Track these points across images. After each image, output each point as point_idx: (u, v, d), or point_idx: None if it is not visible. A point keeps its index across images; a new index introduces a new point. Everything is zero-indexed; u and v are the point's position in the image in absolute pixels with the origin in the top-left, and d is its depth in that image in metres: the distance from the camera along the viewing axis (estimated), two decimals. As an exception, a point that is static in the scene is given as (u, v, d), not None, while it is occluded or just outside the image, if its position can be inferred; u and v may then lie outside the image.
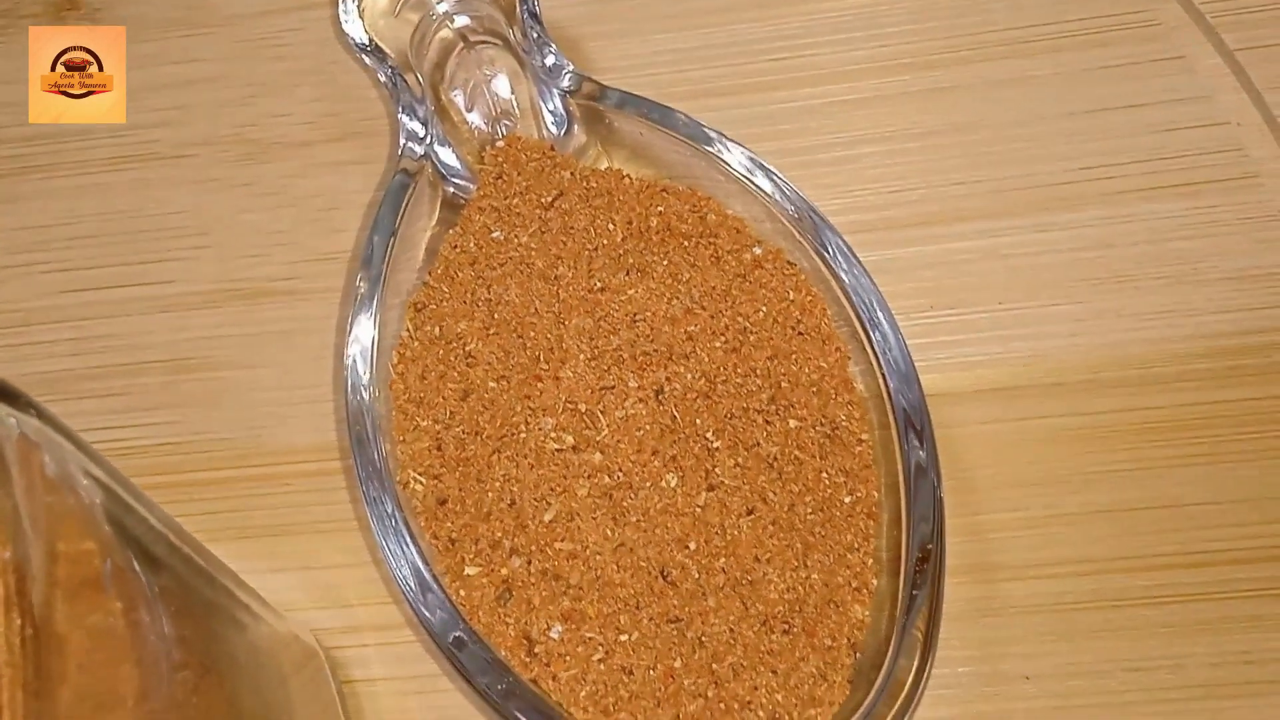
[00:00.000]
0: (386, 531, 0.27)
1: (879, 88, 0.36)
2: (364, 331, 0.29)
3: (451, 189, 0.32)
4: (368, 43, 0.33)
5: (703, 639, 0.26)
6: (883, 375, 0.28)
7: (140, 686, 0.20)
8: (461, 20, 0.33)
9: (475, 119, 0.33)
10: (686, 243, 0.30)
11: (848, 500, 0.27)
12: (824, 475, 0.27)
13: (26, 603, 0.16)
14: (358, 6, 0.33)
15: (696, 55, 0.36)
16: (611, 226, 0.30)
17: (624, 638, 0.26)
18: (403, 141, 0.32)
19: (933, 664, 0.25)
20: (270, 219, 0.35)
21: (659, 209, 0.31)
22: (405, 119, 0.32)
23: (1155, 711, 0.27)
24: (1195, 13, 0.35)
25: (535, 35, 0.32)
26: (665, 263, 0.30)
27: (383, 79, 0.33)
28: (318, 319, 0.33)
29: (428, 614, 0.26)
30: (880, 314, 0.28)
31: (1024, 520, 0.30)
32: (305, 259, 0.34)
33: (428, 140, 0.31)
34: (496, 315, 0.29)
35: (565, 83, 0.32)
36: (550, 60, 0.32)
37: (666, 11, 0.37)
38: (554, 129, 0.32)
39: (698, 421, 0.28)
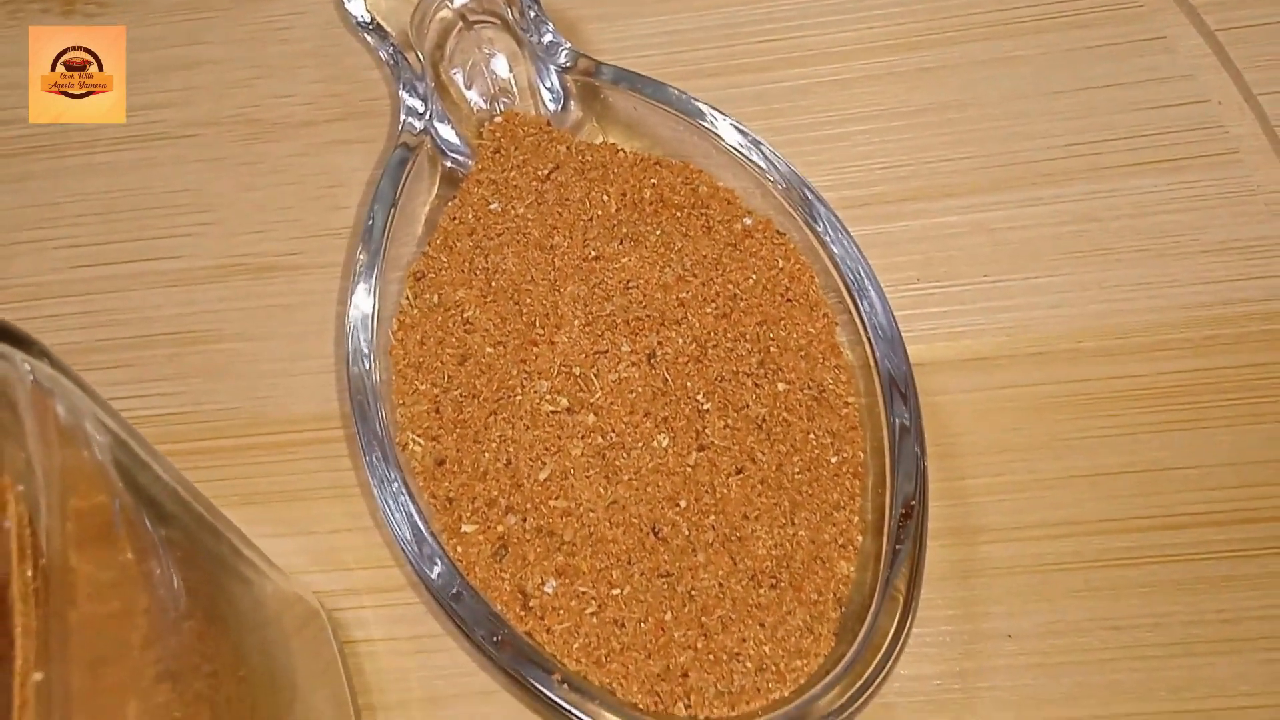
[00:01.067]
0: (386, 492, 0.27)
1: (867, 68, 0.36)
2: (364, 300, 0.30)
3: (450, 163, 0.33)
4: (369, 21, 0.34)
5: (692, 593, 0.26)
6: (869, 342, 0.29)
7: (147, 634, 0.20)
8: (461, 0, 0.34)
9: (474, 96, 0.34)
10: (679, 213, 0.31)
11: (834, 460, 0.28)
12: (811, 436, 0.28)
13: (38, 554, 0.17)
14: (360, -14, 0.34)
15: (689, 37, 0.37)
16: (606, 198, 0.31)
17: (616, 592, 0.26)
18: (403, 117, 0.32)
19: (914, 618, 0.26)
20: (273, 196, 0.36)
21: (652, 181, 0.32)
22: (405, 96, 0.33)
23: (1135, 668, 0.28)
24: (1177, -7, 0.36)
25: (534, 14, 0.33)
26: (658, 232, 0.31)
27: (384, 56, 0.33)
28: (320, 293, 0.34)
29: (426, 570, 0.27)
30: (868, 282, 0.29)
31: (1006, 485, 0.30)
32: (308, 235, 0.35)
33: (427, 116, 0.32)
34: (494, 283, 0.30)
35: (562, 59, 0.33)
36: (548, 38, 0.33)
37: (659, -6, 0.38)
38: (551, 105, 0.33)
39: (688, 384, 0.29)
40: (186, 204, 0.36)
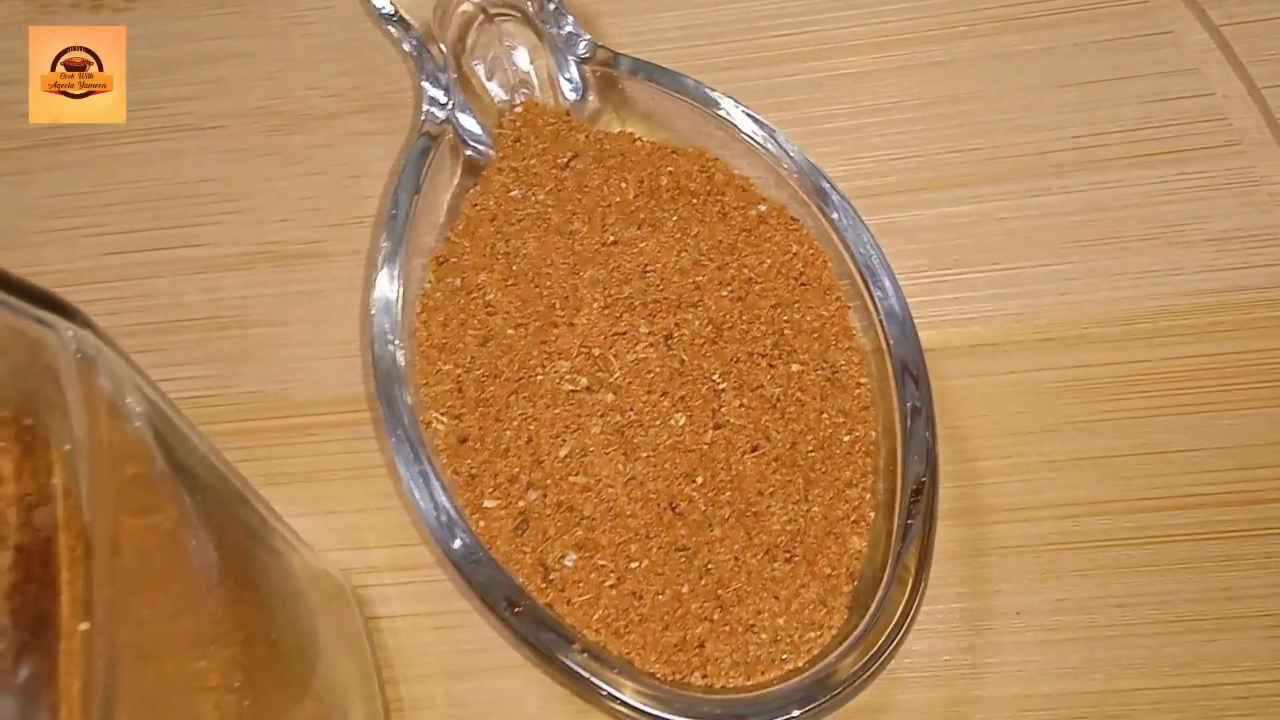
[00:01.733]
0: (411, 468, 0.28)
1: (879, 62, 0.37)
2: (388, 284, 0.31)
3: (471, 153, 0.33)
4: (393, 14, 0.34)
5: (709, 566, 0.27)
6: (881, 325, 0.29)
7: (184, 599, 0.21)
8: (481, -8, 0.35)
9: (494, 88, 0.35)
10: (695, 200, 0.32)
11: (847, 439, 0.29)
12: (824, 415, 0.29)
13: (79, 521, 0.17)
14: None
15: (704, 31, 0.38)
16: (624, 185, 0.32)
17: (634, 565, 0.27)
18: (425, 108, 0.33)
19: (925, 590, 0.26)
20: (298, 186, 0.37)
21: (669, 169, 0.32)
22: (428, 86, 0.33)
23: (1140, 644, 0.29)
24: (1183, -11, 0.37)
25: (553, 6, 0.34)
26: (675, 218, 0.31)
27: (407, 48, 0.34)
28: (344, 279, 0.35)
29: (449, 544, 0.27)
30: (880, 268, 0.30)
31: (1015, 467, 0.31)
32: (332, 223, 0.36)
33: (450, 107, 0.33)
34: (515, 267, 0.31)
35: (581, 50, 0.34)
36: (567, 30, 0.34)
37: (676, -11, 0.39)
38: (570, 95, 0.34)
39: (705, 365, 0.29)
40: (213, 193, 0.37)
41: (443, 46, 0.34)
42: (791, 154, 0.32)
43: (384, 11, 0.34)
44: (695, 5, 0.38)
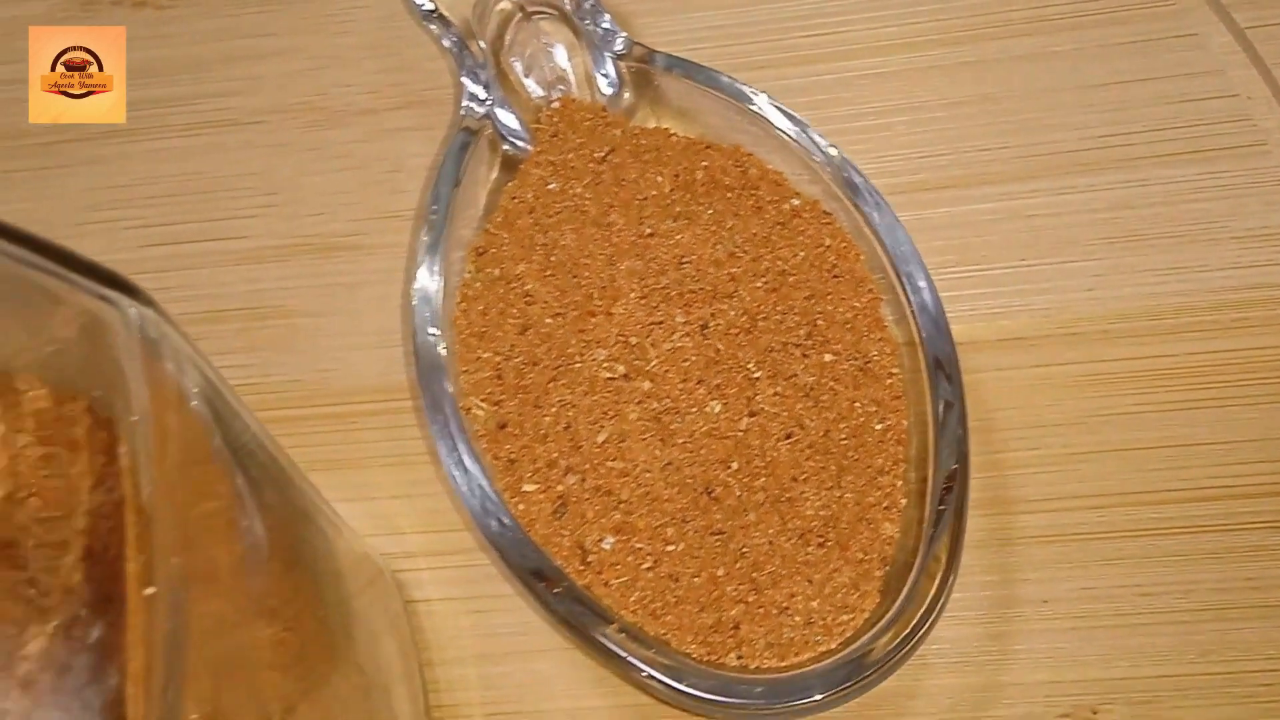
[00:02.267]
0: (451, 453, 0.29)
1: (908, 61, 0.38)
2: (429, 274, 0.31)
3: (509, 148, 0.34)
4: (433, 10, 0.35)
5: (744, 550, 0.28)
6: (914, 319, 0.30)
7: (239, 575, 0.21)
8: (521, -9, 0.36)
9: (532, 84, 0.35)
10: (730, 194, 0.32)
11: (879, 428, 0.29)
12: (857, 405, 0.30)
13: (143, 492, 0.18)
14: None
15: (736, 31, 0.39)
16: (660, 179, 0.33)
17: (671, 548, 0.28)
18: (465, 103, 0.34)
19: (956, 575, 0.27)
20: (337, 180, 0.38)
21: (704, 163, 0.33)
22: (468, 82, 0.34)
23: (1166, 632, 0.29)
24: (1208, -7, 0.38)
25: (591, 4, 0.35)
26: (710, 211, 0.32)
27: (447, 44, 0.35)
28: (382, 271, 0.36)
29: (489, 527, 0.28)
30: (913, 262, 0.31)
31: (1042, 458, 0.31)
32: (370, 217, 0.37)
33: (488, 102, 0.34)
34: (553, 258, 0.31)
35: (618, 46, 0.35)
36: (604, 26, 0.35)
37: (709, -10, 0.40)
38: (606, 91, 0.35)
39: (740, 354, 0.30)
40: (253, 187, 0.38)
41: (482, 43, 0.35)
42: (825, 149, 0.32)
43: (425, 9, 0.35)
44: (728, 5, 0.39)
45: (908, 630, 0.26)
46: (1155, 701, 0.29)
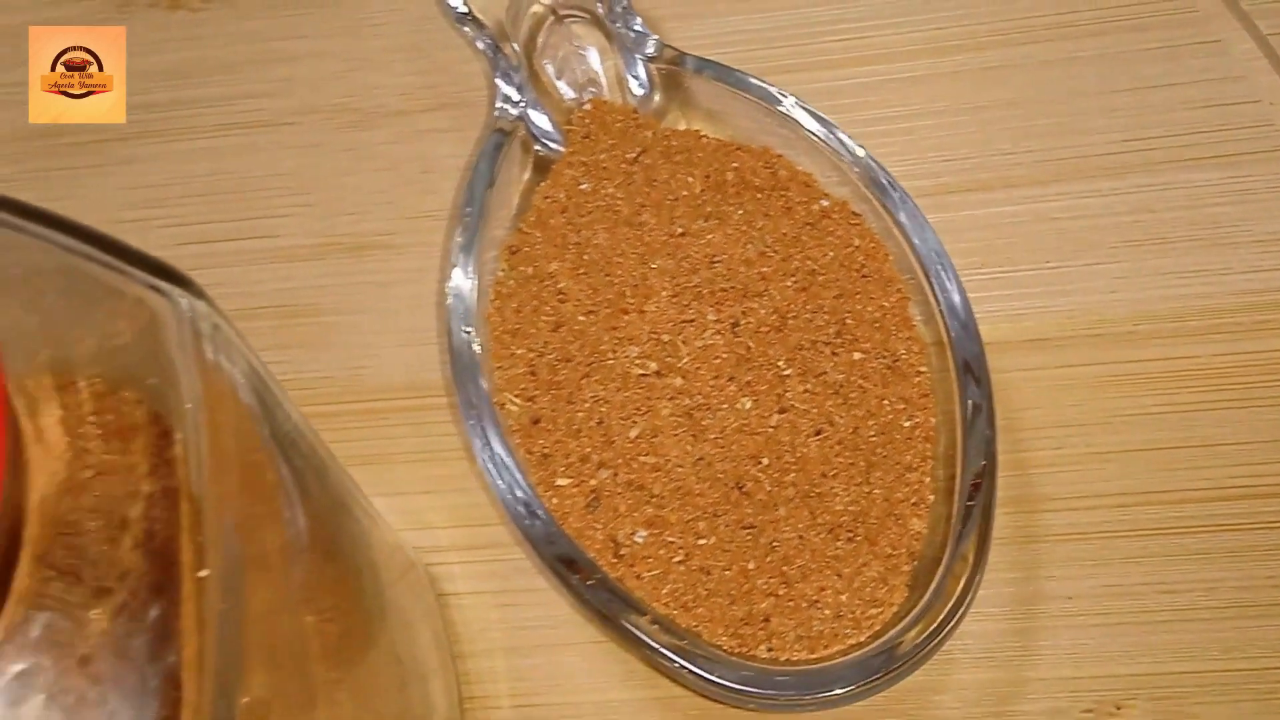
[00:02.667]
0: (486, 448, 0.29)
1: (934, 66, 0.38)
2: (464, 272, 0.32)
3: (541, 149, 0.35)
4: (467, 13, 0.36)
5: (774, 544, 0.28)
6: (943, 319, 0.30)
7: (284, 563, 0.22)
8: (553, -6, 0.36)
9: (564, 86, 0.36)
10: (760, 195, 0.33)
11: (907, 425, 0.30)
12: (885, 402, 0.30)
13: (196, 478, 0.19)
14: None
15: (764, 35, 0.39)
16: (691, 180, 0.33)
17: (702, 542, 0.28)
18: (498, 104, 0.35)
19: (983, 572, 0.27)
20: (369, 180, 0.38)
21: (734, 165, 0.33)
22: (502, 84, 0.35)
23: (1189, 629, 0.29)
24: (1231, 2, 0.38)
25: (622, 8, 0.35)
26: (740, 212, 0.32)
27: (481, 46, 0.36)
28: (414, 270, 0.36)
29: (523, 520, 0.29)
30: (942, 263, 0.31)
31: (1066, 457, 0.32)
32: (402, 216, 0.37)
33: (522, 104, 0.34)
34: (585, 257, 0.32)
35: (649, 49, 0.35)
36: (636, 29, 0.35)
37: (737, -5, 0.40)
38: (638, 92, 0.35)
39: (770, 351, 0.30)
40: (285, 187, 0.38)
41: (515, 46, 0.35)
42: (854, 151, 0.33)
43: (459, 11, 0.36)
44: (755, 11, 0.40)
45: (936, 624, 0.26)
46: (1178, 697, 0.29)
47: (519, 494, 0.29)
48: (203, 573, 0.18)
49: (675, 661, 0.26)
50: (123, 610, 0.17)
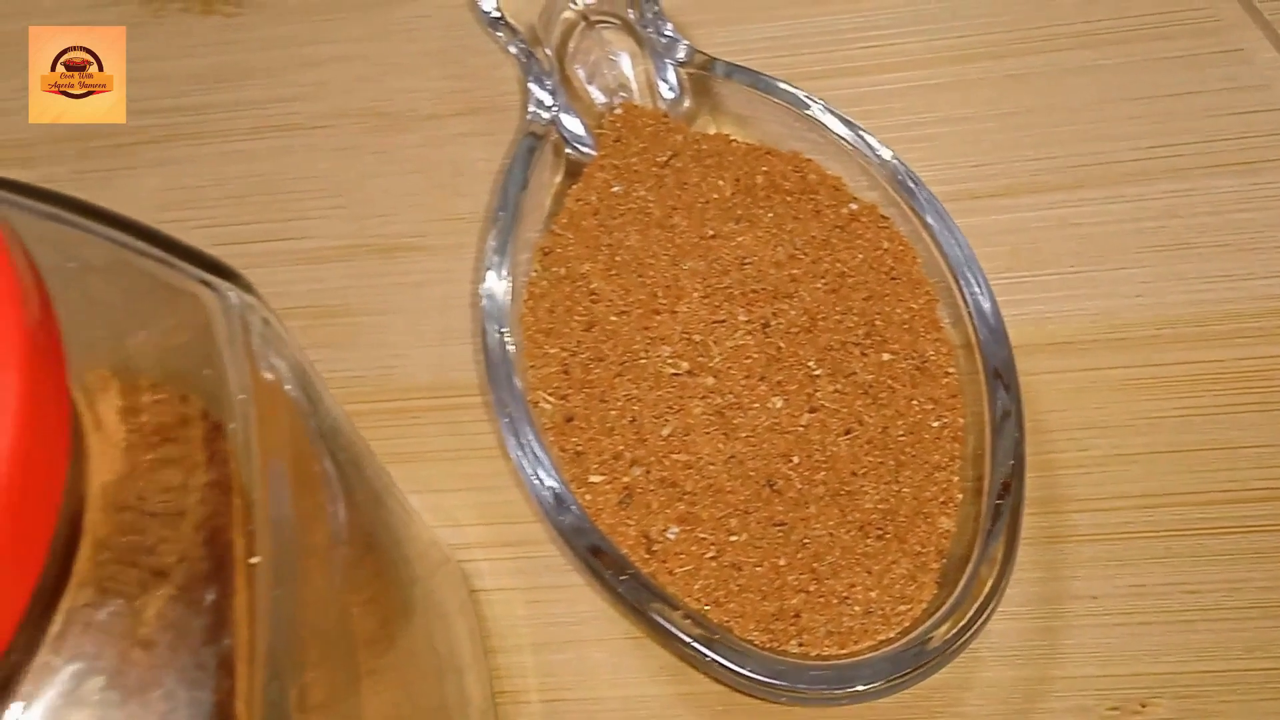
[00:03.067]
0: (519, 445, 0.30)
1: (958, 74, 0.39)
2: (497, 273, 0.32)
3: (573, 152, 0.35)
4: (500, 18, 0.36)
5: (805, 541, 0.29)
6: (971, 321, 0.31)
7: (328, 555, 0.22)
8: (584, 1, 0.37)
9: (594, 91, 0.36)
10: (789, 198, 0.33)
11: (935, 425, 0.30)
12: (914, 402, 0.30)
13: (245, 476, 0.19)
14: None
15: (790, 42, 0.40)
16: (721, 183, 0.34)
17: (734, 538, 0.29)
18: (531, 109, 0.35)
19: (1011, 575, 0.28)
20: (400, 183, 0.39)
21: (764, 169, 0.34)
22: (534, 88, 0.35)
23: (1213, 629, 0.30)
24: (1254, 11, 0.38)
25: (653, 13, 0.36)
26: (770, 215, 0.33)
27: (514, 51, 0.36)
28: (445, 271, 0.37)
29: (557, 516, 0.29)
30: (970, 267, 0.31)
31: (1091, 459, 0.32)
32: (433, 219, 0.38)
33: (554, 108, 0.35)
34: (618, 258, 0.32)
35: (680, 54, 0.36)
36: (667, 35, 0.36)
37: (763, 3, 0.41)
38: (668, 96, 0.36)
39: (800, 352, 0.31)
40: (317, 189, 0.39)
41: (548, 50, 0.36)
42: (882, 155, 0.33)
43: (493, 16, 0.36)
44: (782, 18, 0.40)
45: (965, 620, 0.27)
46: (1202, 696, 0.29)
47: (553, 491, 0.29)
48: (254, 559, 0.18)
49: (709, 655, 0.27)
50: (180, 594, 0.18)
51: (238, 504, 0.19)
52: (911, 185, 0.33)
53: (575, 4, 0.37)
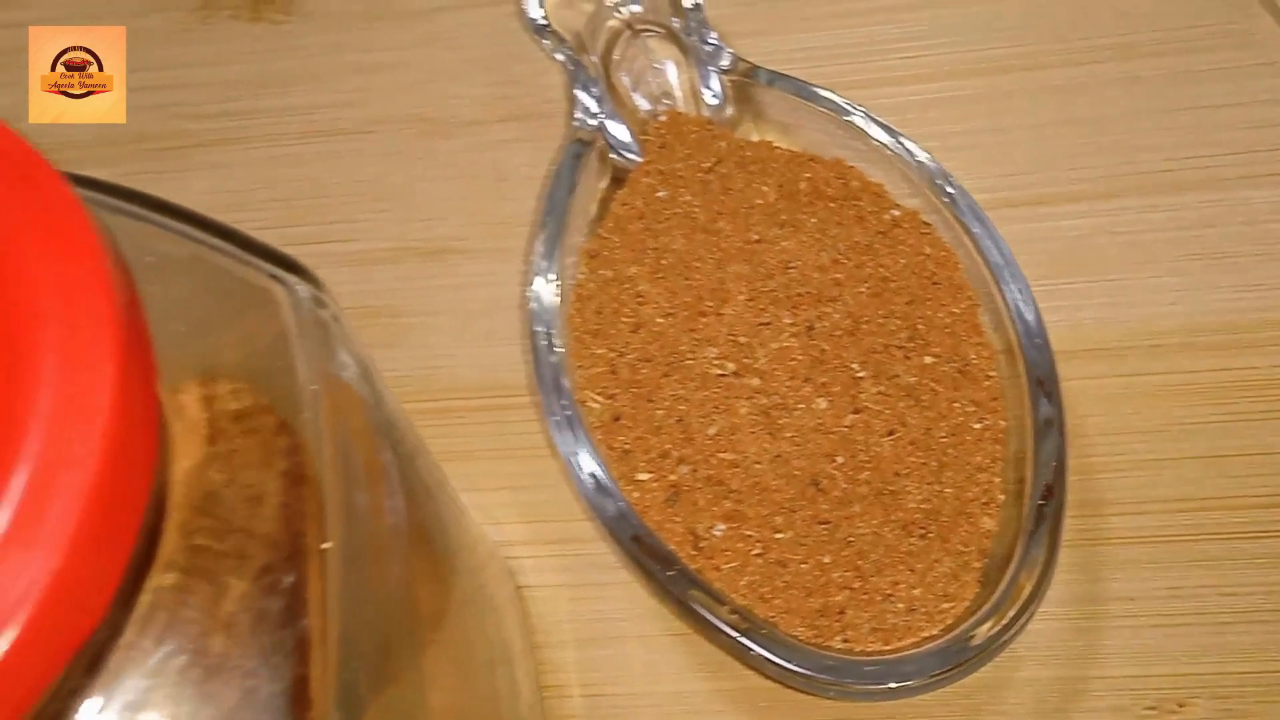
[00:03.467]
0: (569, 444, 0.30)
1: (995, 85, 0.39)
2: (545, 276, 0.33)
3: (618, 158, 0.36)
4: (546, 26, 0.37)
5: (849, 540, 0.29)
6: (1013, 326, 0.31)
7: (390, 548, 0.23)
8: (630, 9, 0.37)
9: (639, 98, 0.37)
10: (832, 204, 0.34)
11: (977, 427, 0.31)
12: (956, 405, 0.31)
13: (316, 459, 0.20)
14: (538, -2, 0.38)
15: (831, 52, 0.40)
16: (765, 189, 0.34)
17: (779, 536, 0.29)
18: (578, 115, 0.36)
19: (1054, 571, 0.28)
20: (445, 188, 0.39)
21: (807, 175, 0.35)
22: (581, 95, 0.36)
23: (1249, 631, 0.30)
24: (1289, 25, 0.39)
25: (697, 22, 0.37)
26: (814, 220, 0.34)
27: (561, 59, 0.37)
28: (489, 274, 0.37)
29: (606, 513, 0.30)
30: (1011, 272, 0.32)
31: (1128, 463, 0.33)
32: (477, 222, 0.38)
33: (600, 115, 0.36)
34: (664, 262, 0.33)
35: (724, 62, 0.36)
36: (711, 43, 0.37)
37: (803, 14, 0.41)
38: (711, 104, 0.36)
39: (844, 354, 0.31)
40: (363, 193, 0.39)
41: (594, 58, 0.36)
42: (923, 162, 0.34)
43: (539, 24, 0.37)
44: (822, 28, 0.41)
45: (1008, 619, 0.27)
46: (1240, 696, 0.30)
47: (601, 488, 0.30)
48: (326, 545, 0.19)
49: (757, 649, 0.27)
50: (260, 578, 0.18)
51: (309, 492, 0.19)
52: (952, 191, 0.33)
53: (620, 13, 0.37)
